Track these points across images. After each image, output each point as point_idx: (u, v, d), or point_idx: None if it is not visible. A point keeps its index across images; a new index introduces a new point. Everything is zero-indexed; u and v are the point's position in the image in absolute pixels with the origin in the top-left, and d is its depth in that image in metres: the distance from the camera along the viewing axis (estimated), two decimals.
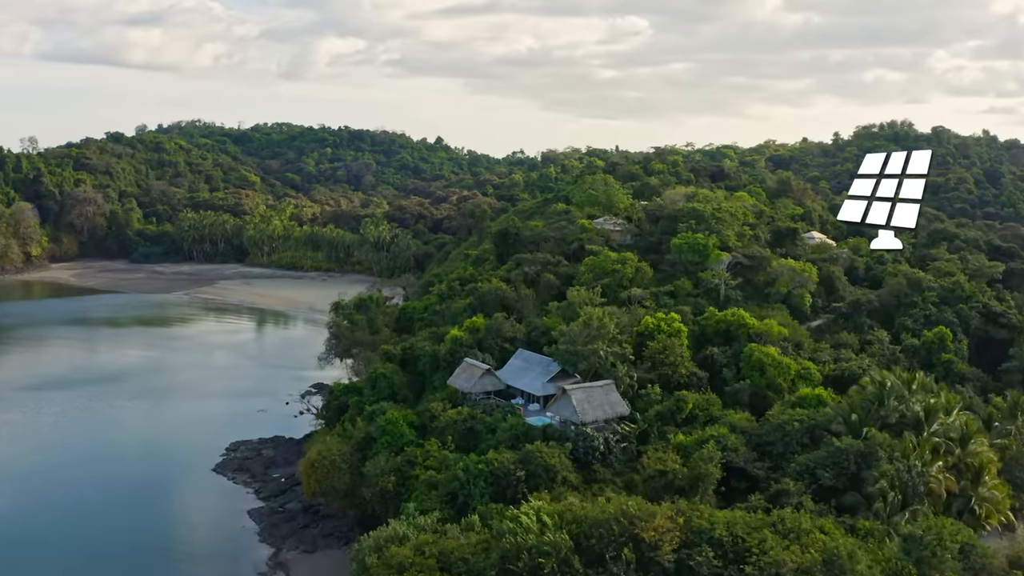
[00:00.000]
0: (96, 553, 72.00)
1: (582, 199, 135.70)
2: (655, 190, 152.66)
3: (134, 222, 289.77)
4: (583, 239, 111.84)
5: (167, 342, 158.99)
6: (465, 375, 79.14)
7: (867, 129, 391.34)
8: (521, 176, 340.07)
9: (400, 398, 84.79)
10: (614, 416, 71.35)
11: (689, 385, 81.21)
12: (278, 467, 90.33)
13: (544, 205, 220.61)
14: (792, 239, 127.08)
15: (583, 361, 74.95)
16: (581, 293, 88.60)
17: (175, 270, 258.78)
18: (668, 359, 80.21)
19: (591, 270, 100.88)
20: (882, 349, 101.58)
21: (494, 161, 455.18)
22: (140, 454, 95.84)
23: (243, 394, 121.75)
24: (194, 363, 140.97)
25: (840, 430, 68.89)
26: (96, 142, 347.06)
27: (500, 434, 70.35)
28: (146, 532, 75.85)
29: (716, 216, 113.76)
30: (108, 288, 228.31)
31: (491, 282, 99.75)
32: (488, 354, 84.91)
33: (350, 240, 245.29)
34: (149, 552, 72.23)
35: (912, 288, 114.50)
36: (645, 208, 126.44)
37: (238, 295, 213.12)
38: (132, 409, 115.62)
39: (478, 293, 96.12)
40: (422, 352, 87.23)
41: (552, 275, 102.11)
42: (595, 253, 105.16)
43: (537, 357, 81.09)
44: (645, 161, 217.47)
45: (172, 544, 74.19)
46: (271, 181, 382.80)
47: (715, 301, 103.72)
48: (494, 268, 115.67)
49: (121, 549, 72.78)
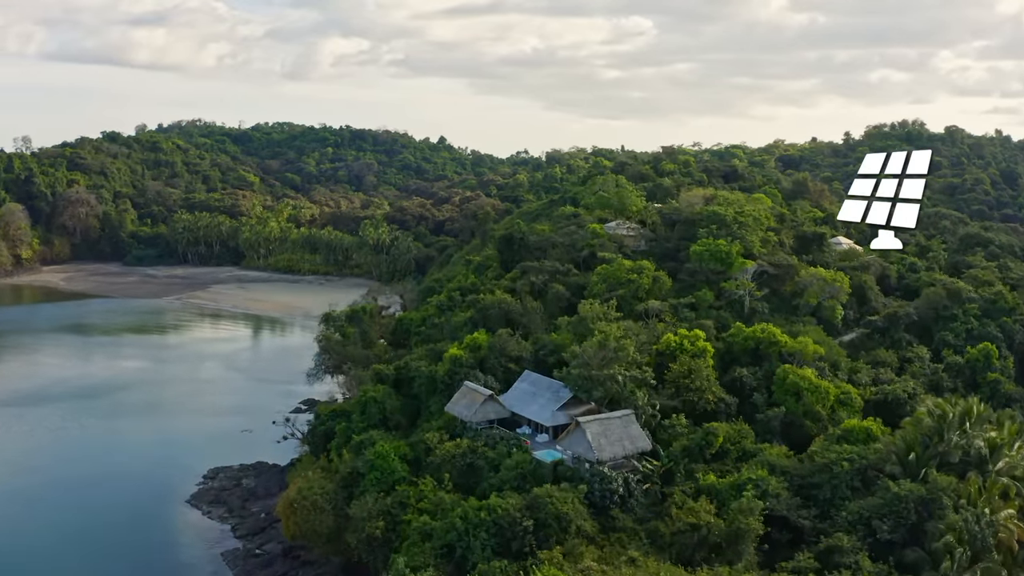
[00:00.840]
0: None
1: (592, 201, 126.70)
2: (669, 192, 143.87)
3: (128, 224, 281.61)
4: (594, 245, 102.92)
5: (153, 351, 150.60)
6: (465, 401, 70.36)
7: (878, 129, 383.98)
8: (526, 176, 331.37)
9: (392, 424, 76.09)
10: (634, 452, 62.48)
11: (717, 413, 72.33)
12: (258, 499, 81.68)
13: (550, 207, 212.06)
14: (819, 245, 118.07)
15: (598, 388, 66.11)
16: (594, 307, 79.77)
17: (169, 273, 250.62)
18: (693, 384, 71.34)
19: (604, 280, 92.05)
20: (923, 368, 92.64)
21: (498, 161, 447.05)
22: (109, 483, 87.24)
23: (228, 411, 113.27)
24: (179, 376, 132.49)
25: (895, 471, 59.97)
26: (91, 142, 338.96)
27: (504, 472, 61.59)
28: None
29: (738, 220, 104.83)
30: (98, 293, 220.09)
31: (494, 294, 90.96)
32: (491, 376, 76.18)
33: (349, 243, 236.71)
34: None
35: (952, 299, 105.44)
36: (660, 211, 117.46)
37: (231, 300, 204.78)
38: (107, 428, 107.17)
39: (480, 306, 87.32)
40: (417, 373, 78.47)
41: (561, 286, 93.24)
42: (608, 261, 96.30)
43: (546, 381, 72.25)
44: (655, 161, 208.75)
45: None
46: (271, 181, 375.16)
47: (739, 314, 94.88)
48: (497, 276, 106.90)
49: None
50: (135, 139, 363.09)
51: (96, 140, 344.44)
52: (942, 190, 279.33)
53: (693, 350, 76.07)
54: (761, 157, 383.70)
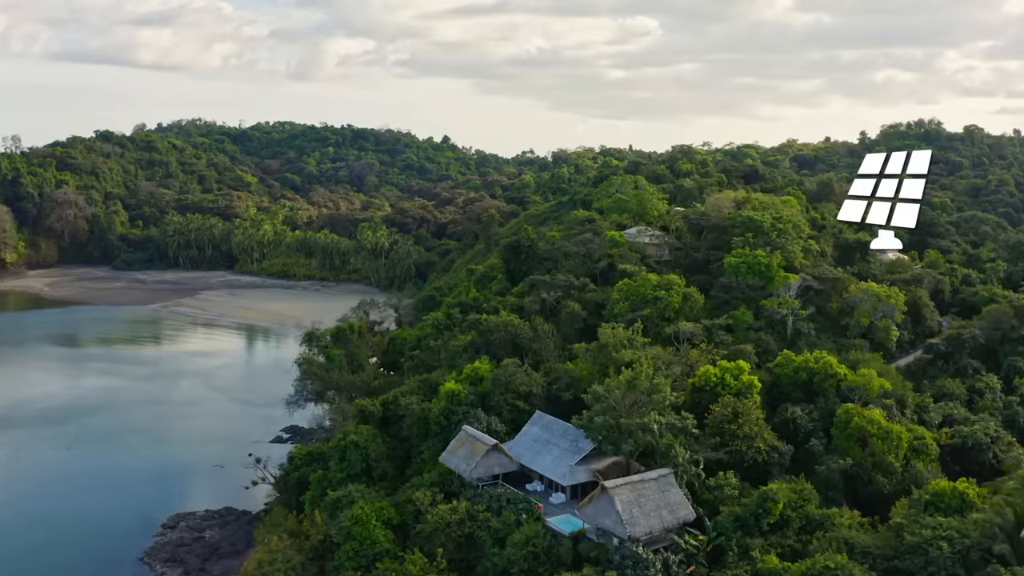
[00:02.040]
0: None
1: (608, 205, 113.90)
2: (690, 194, 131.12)
3: (117, 226, 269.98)
4: (613, 256, 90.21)
5: (128, 367, 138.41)
6: (464, 451, 57.96)
7: (894, 128, 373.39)
8: (532, 177, 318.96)
9: (378, 473, 63.86)
10: (675, 524, 50.02)
11: (769, 464, 59.86)
12: (221, 558, 69.24)
13: (558, 209, 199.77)
14: (862, 255, 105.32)
15: (628, 440, 53.61)
16: (618, 332, 67.25)
17: (158, 278, 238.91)
18: (741, 430, 58.83)
19: (626, 297, 79.45)
20: (995, 400, 79.94)
21: (503, 161, 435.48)
22: (54, 532, 75.00)
23: (202, 440, 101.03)
24: (153, 396, 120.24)
25: (1004, 552, 47.47)
26: (84, 141, 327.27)
27: (512, 550, 49.26)
28: None
29: (777, 227, 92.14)
30: (82, 299, 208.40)
31: (499, 313, 78.46)
32: (495, 415, 63.84)
33: (345, 246, 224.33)
34: None
35: (1019, 318, 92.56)
36: (686, 217, 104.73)
37: (220, 308, 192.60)
38: (65, 462, 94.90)
39: (482, 328, 74.79)
40: (407, 412, 66.11)
41: (576, 304, 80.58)
42: (630, 275, 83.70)
43: (561, 425, 59.81)
44: (670, 160, 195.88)
45: None
46: (269, 182, 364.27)
47: (782, 336, 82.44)
48: (502, 291, 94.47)
49: None
50: (129, 138, 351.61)
51: (89, 139, 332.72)
52: (965, 191, 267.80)
53: (737, 386, 63.62)
54: (775, 157, 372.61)
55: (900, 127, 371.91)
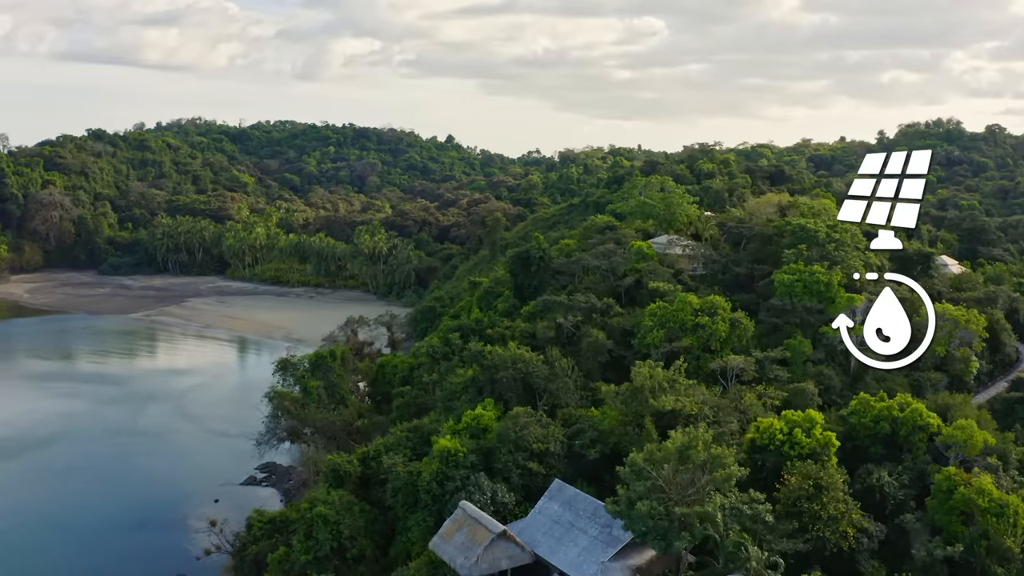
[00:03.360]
0: None
1: (630, 209, 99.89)
2: (719, 196, 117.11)
3: (105, 228, 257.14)
4: (642, 271, 76.38)
5: (94, 389, 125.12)
6: (462, 537, 44.42)
7: (912, 127, 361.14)
8: (539, 177, 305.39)
9: (353, 554, 50.41)
10: None
11: (856, 552, 46.20)
12: None
13: (570, 212, 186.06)
14: (924, 269, 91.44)
15: (681, 535, 39.93)
16: (656, 372, 53.50)
17: (145, 284, 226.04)
18: (824, 510, 45.12)
19: (661, 323, 65.75)
20: None
21: (508, 161, 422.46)
22: None
23: (160, 482, 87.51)
24: (114, 425, 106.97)
25: None
26: (74, 140, 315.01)
27: None
28: None
29: (834, 237, 78.33)
30: (62, 308, 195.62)
31: (506, 343, 64.82)
32: (502, 481, 50.40)
33: (342, 251, 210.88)
34: None
35: None
36: (721, 224, 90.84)
37: (206, 318, 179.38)
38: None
39: (487, 363, 61.23)
40: (391, 475, 52.60)
41: (600, 332, 66.75)
42: (663, 294, 69.96)
43: (589, 503, 46.23)
44: (690, 160, 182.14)
45: None
46: (267, 182, 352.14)
47: (844, 369, 68.87)
48: (510, 310, 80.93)
49: None
50: (122, 137, 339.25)
51: (80, 138, 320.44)
52: (993, 193, 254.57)
53: (809, 445, 49.96)
54: (790, 157, 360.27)
55: (918, 126, 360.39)
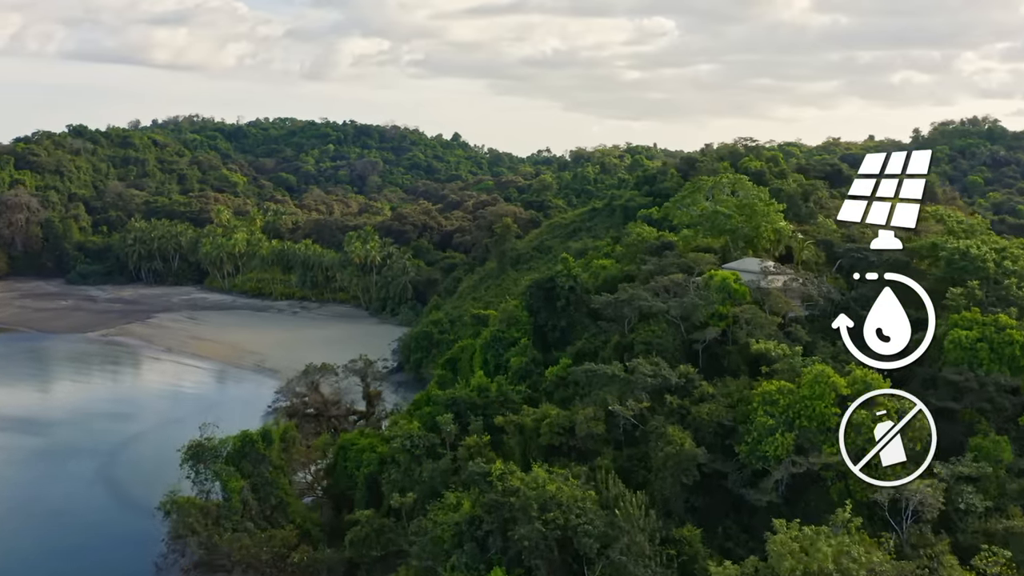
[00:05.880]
0: None
1: (696, 220, 72.27)
2: (794, 201, 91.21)
3: (75, 233, 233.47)
4: (731, 319, 50.72)
5: (8, 439, 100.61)
6: None
7: (945, 126, 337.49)
8: (552, 177, 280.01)
9: None
10: None
11: None
12: None
13: (592, 218, 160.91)
14: None
15: None
16: (819, 550, 28.14)
17: (113, 296, 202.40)
18: None
19: (787, 423, 40.15)
20: None
21: (518, 160, 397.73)
22: None
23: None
24: (13, 496, 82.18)
25: None
26: (52, 136, 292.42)
27: None
28: None
29: (1005, 269, 52.83)
30: (14, 324, 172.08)
31: (532, 469, 39.17)
32: None
33: (329, 260, 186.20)
34: None
35: None
36: (822, 242, 65.06)
37: (169, 339, 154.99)
38: None
39: (494, 502, 35.73)
40: None
41: (681, 433, 40.95)
42: (771, 361, 44.44)
43: None
44: (732, 157, 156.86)
45: None
46: (261, 182, 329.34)
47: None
48: (528, 370, 55.56)
49: None
50: (103, 133, 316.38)
51: (58, 135, 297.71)
52: None
53: None
54: (820, 156, 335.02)
55: (952, 124, 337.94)
